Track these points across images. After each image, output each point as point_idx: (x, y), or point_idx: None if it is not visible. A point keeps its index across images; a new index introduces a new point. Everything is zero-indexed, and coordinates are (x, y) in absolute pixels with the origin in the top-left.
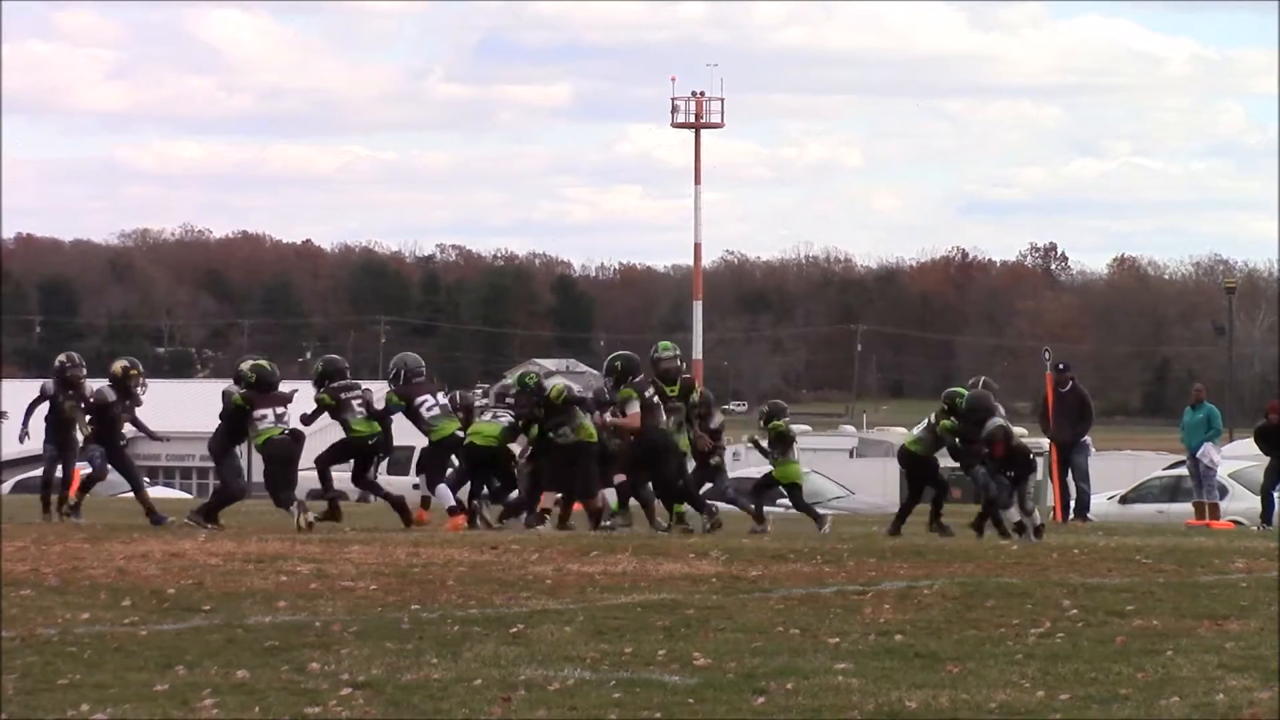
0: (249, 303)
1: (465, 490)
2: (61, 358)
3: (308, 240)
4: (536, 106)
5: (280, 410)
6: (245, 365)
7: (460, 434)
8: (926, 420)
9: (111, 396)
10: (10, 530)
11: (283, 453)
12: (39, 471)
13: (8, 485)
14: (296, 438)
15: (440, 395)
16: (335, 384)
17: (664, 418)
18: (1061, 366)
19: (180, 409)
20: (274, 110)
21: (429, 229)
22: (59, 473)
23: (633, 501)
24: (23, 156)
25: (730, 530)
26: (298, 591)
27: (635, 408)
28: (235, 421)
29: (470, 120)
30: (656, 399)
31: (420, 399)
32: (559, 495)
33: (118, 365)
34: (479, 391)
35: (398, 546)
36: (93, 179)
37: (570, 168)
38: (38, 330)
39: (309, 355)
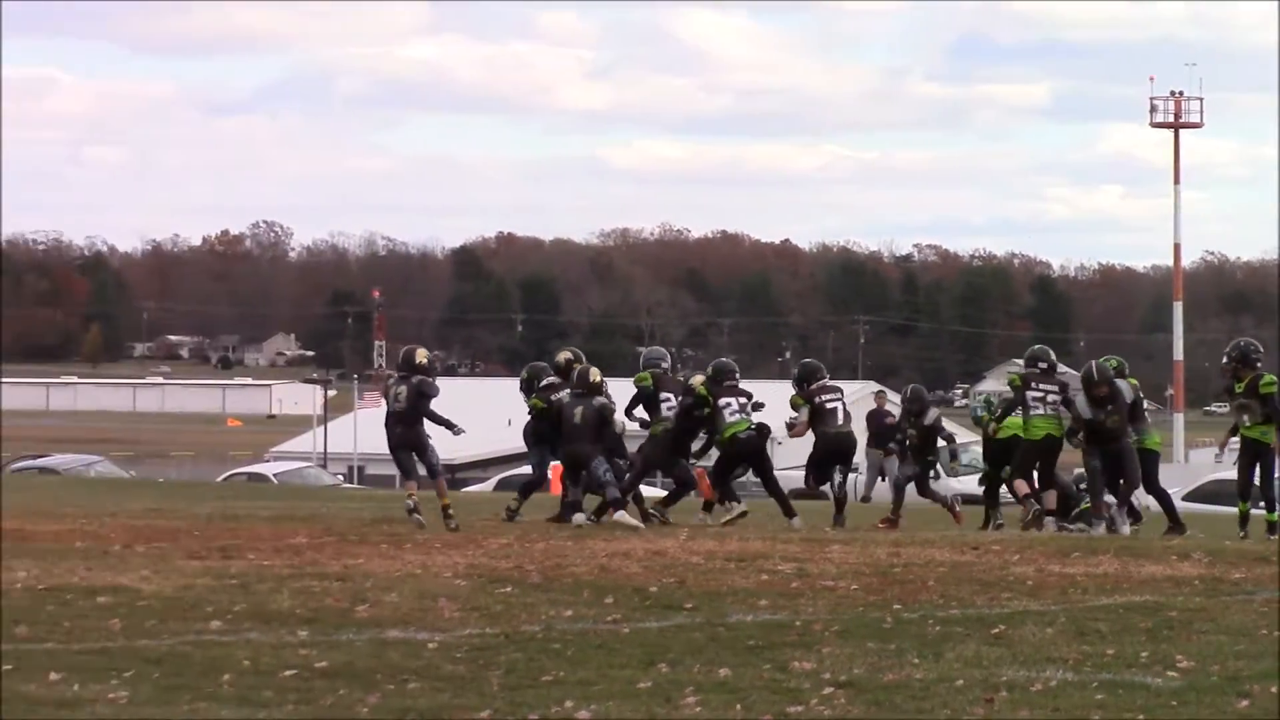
0: (728, 301)
1: None
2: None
3: (786, 239)
4: (1015, 106)
5: (743, 401)
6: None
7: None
8: None
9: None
10: (493, 527)
11: (750, 448)
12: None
13: (490, 482)
14: (763, 432)
15: (739, 399)
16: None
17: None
18: None
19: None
20: (753, 110)
21: (907, 228)
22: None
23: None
24: (505, 156)
25: (1213, 532)
26: (779, 590)
27: (803, 415)
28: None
29: (949, 119)
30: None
31: (723, 400)
32: None
33: (560, 356)
34: (958, 392)
35: (878, 546)
36: (573, 178)
37: (1049, 167)
38: (519, 328)
39: (788, 354)
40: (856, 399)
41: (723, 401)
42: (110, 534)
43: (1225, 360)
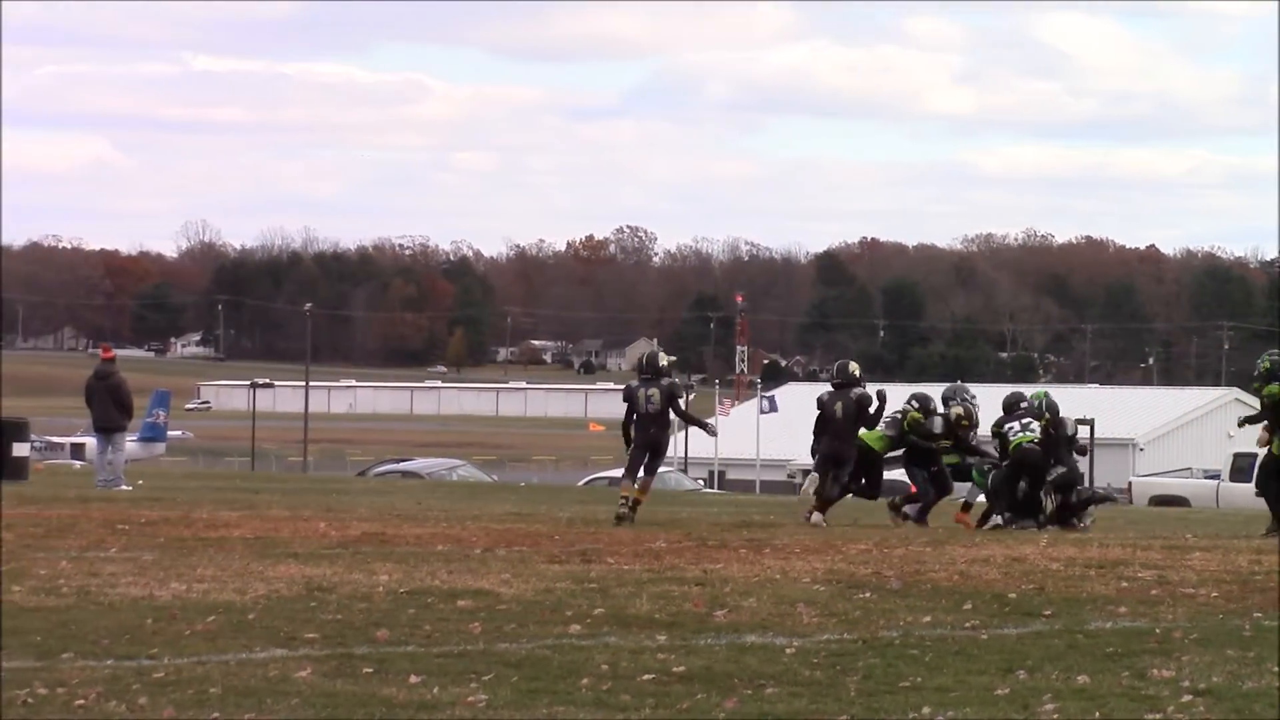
0: (1091, 307)
1: None
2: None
3: (1151, 245)
4: None
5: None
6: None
7: None
8: None
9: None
10: (853, 533)
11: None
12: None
13: None
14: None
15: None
16: None
17: None
18: None
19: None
20: (1120, 114)
21: (1272, 234)
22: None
23: None
24: (870, 161)
25: None
26: (1138, 597)
27: None
28: None
29: None
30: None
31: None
32: None
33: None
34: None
35: (1239, 554)
36: (938, 183)
37: None
38: (881, 334)
39: (1150, 360)
40: (1217, 406)
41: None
42: (471, 538)
43: None
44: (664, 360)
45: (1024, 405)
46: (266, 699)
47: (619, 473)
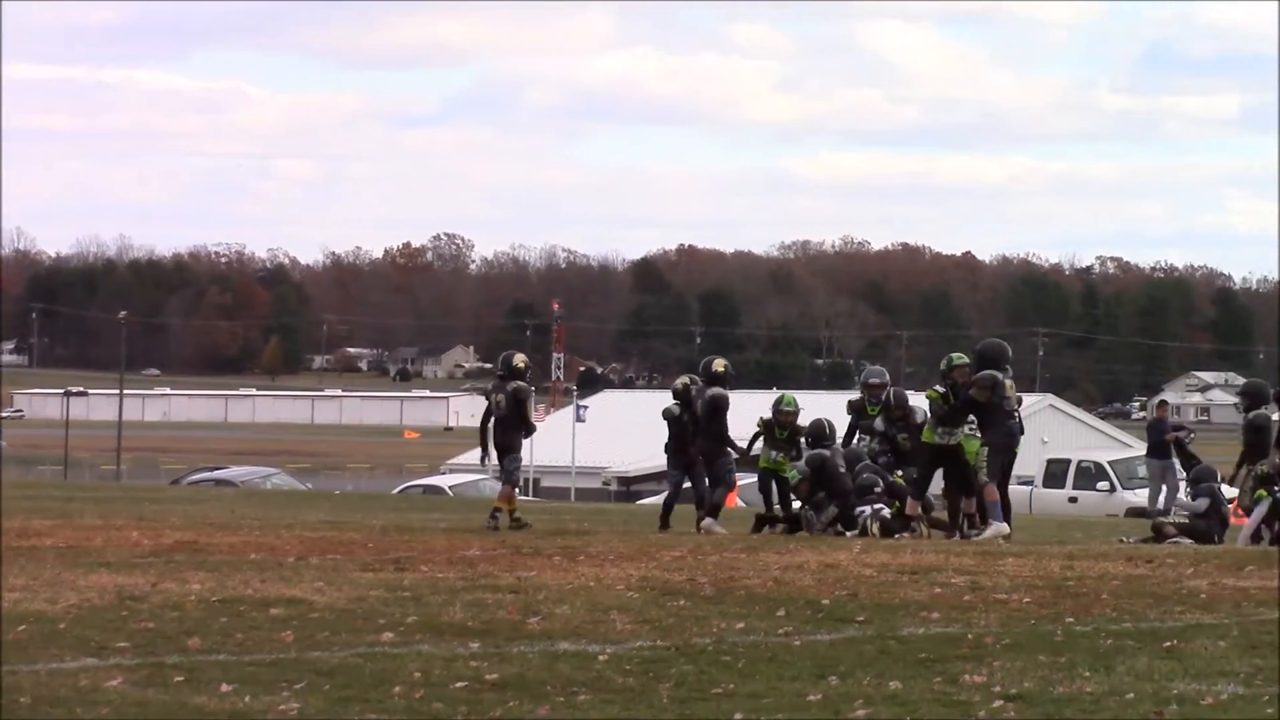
0: (907, 314)
1: None
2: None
3: (967, 252)
4: (1202, 118)
5: None
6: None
7: None
8: None
9: (676, 411)
10: (667, 540)
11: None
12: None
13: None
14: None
15: None
16: None
17: None
18: None
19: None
20: (942, 122)
21: (1089, 240)
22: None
23: None
24: (691, 169)
25: None
26: (951, 603)
27: None
28: None
29: (1136, 132)
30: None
31: None
32: None
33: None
34: (1136, 404)
35: (1052, 560)
36: (757, 190)
37: (1236, 179)
38: (698, 340)
39: None
40: (1032, 412)
41: None
42: (285, 546)
43: None
44: (519, 362)
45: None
46: (77, 708)
47: (436, 480)
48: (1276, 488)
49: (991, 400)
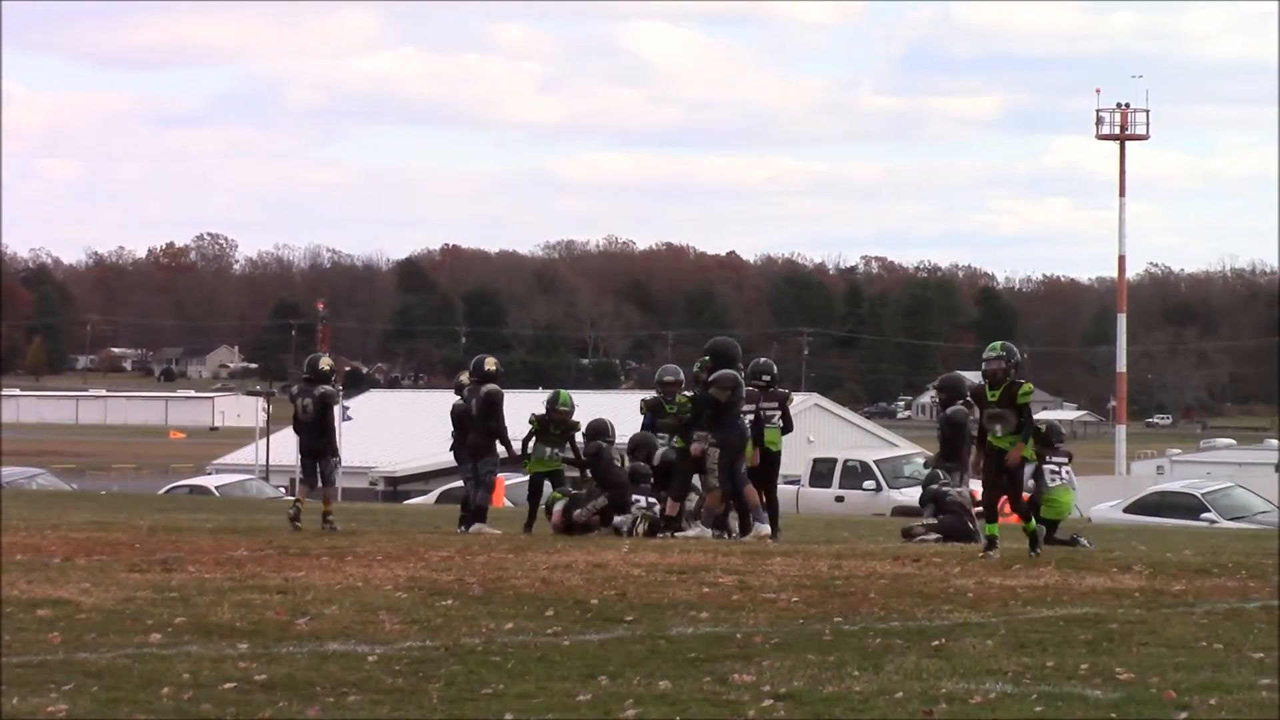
0: (673, 314)
1: None
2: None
3: (732, 251)
4: (964, 118)
5: None
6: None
7: None
8: None
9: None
10: (435, 540)
11: None
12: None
13: (432, 495)
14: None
15: None
16: None
17: None
18: None
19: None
20: (703, 122)
21: (854, 240)
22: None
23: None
24: (454, 169)
25: (1159, 544)
26: (720, 603)
27: None
28: None
29: (899, 132)
30: None
31: None
32: None
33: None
34: (901, 403)
35: (820, 559)
36: (521, 191)
37: (997, 180)
38: (463, 340)
39: None
40: (798, 411)
41: None
42: (51, 547)
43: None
44: (325, 364)
45: None
46: None
47: (202, 480)
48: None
49: (731, 399)
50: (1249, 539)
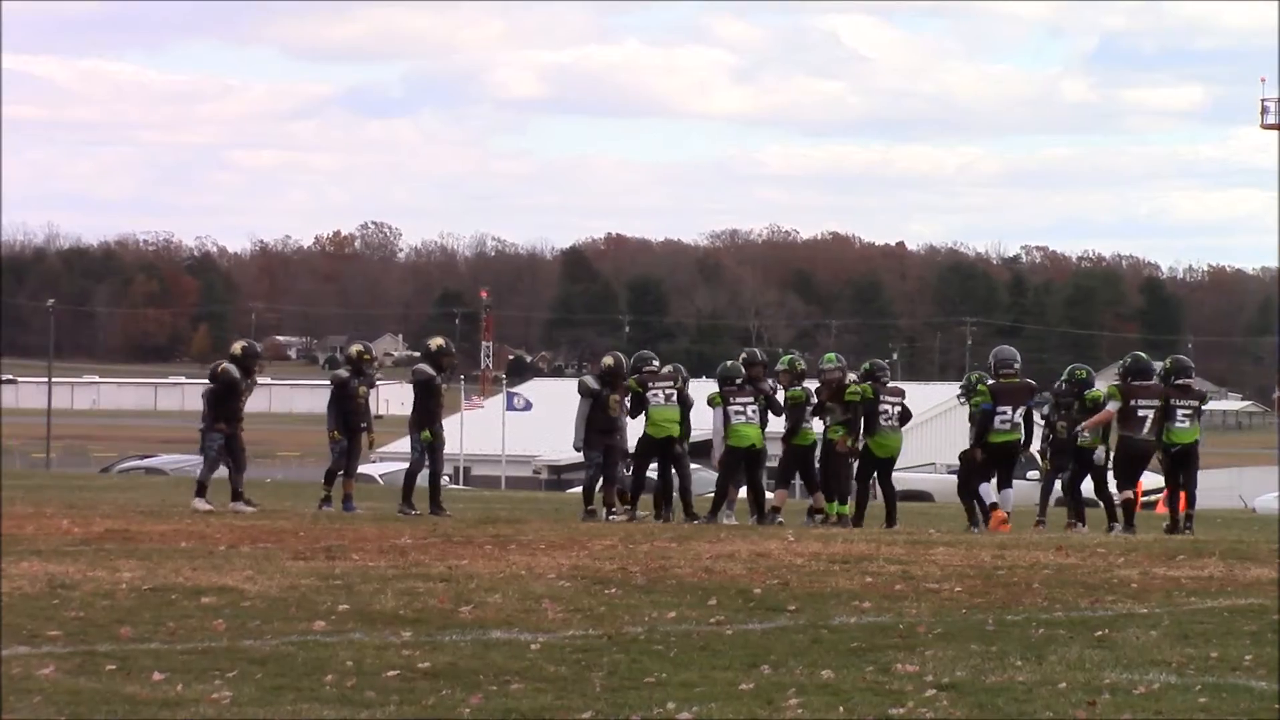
0: (837, 303)
1: None
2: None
3: (899, 241)
4: (1151, 109)
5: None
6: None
7: None
8: None
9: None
10: (598, 529)
11: None
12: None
13: None
14: None
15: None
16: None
17: None
18: None
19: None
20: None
21: (1025, 231)
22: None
23: None
24: (624, 159)
25: None
26: (883, 593)
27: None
28: None
29: (1094, 124)
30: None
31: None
32: None
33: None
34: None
35: (983, 549)
36: (687, 180)
37: (1166, 170)
38: (627, 329)
39: (894, 356)
40: (961, 402)
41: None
42: (216, 534)
43: None
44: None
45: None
46: (9, 697)
47: (369, 469)
48: None
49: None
50: None
